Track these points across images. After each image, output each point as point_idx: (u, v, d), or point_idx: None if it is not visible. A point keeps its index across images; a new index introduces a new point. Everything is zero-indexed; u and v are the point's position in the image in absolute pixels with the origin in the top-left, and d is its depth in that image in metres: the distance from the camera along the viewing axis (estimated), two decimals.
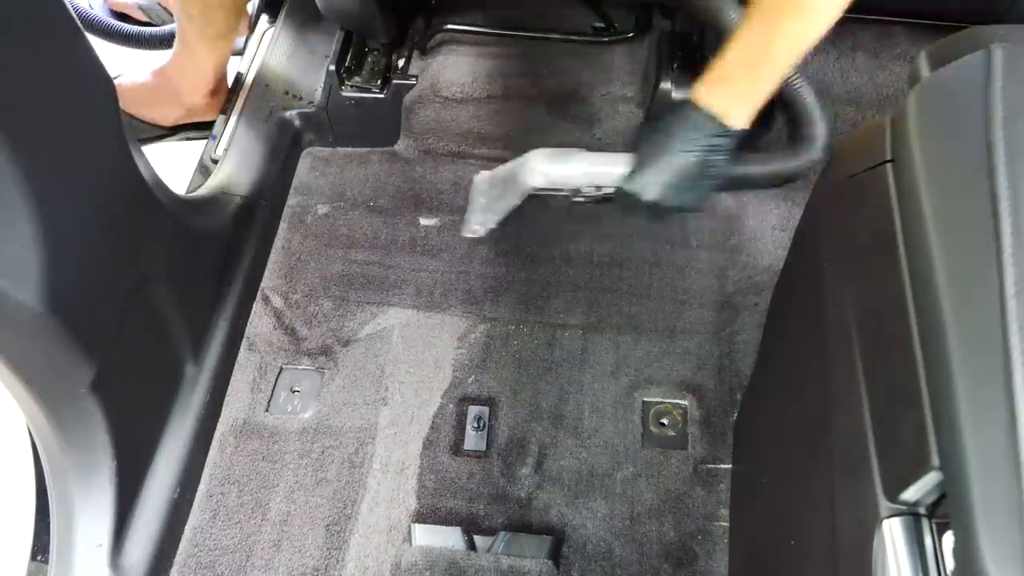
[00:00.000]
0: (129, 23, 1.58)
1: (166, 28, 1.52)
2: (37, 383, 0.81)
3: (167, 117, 1.39)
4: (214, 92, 1.38)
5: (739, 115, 0.93)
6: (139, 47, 1.52)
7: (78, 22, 0.81)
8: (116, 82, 0.89)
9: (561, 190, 1.09)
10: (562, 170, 1.08)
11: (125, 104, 0.93)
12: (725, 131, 0.93)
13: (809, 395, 0.70)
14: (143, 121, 1.38)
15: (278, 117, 1.34)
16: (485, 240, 1.26)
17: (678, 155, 0.94)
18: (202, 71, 1.34)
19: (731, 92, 0.92)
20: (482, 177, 1.15)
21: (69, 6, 0.80)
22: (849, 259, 0.65)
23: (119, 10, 1.59)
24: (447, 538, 0.99)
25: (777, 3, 0.87)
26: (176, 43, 1.34)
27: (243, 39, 1.47)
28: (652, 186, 0.96)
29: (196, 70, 1.34)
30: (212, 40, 1.31)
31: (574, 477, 1.05)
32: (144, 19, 1.59)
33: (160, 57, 1.41)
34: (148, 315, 0.96)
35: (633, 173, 0.98)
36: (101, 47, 0.86)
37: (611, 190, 1.05)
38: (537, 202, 1.11)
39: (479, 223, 1.12)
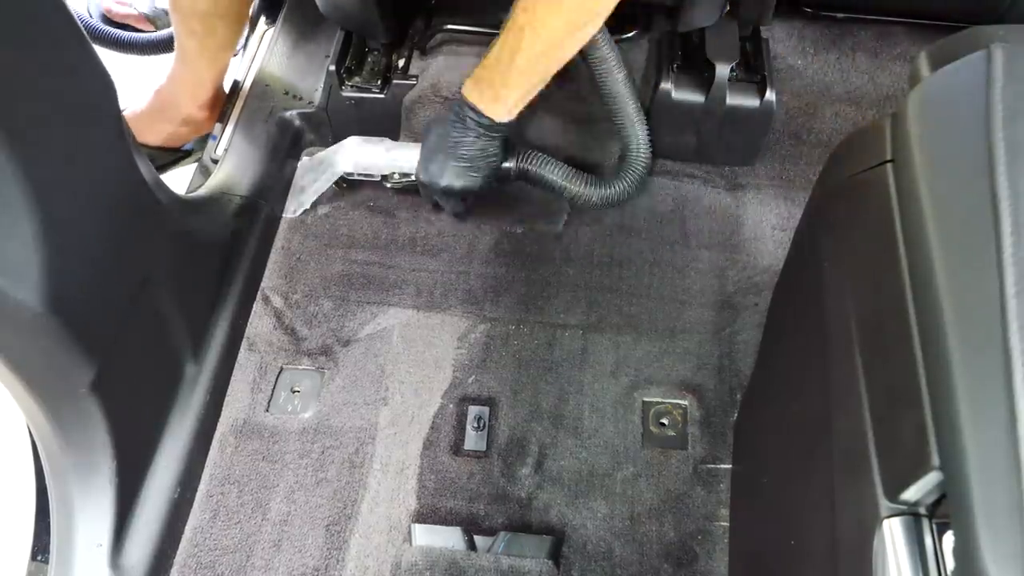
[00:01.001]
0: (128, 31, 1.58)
1: (162, 33, 1.51)
2: (37, 383, 0.81)
3: (170, 136, 1.38)
4: (213, 104, 1.37)
5: (498, 109, 1.08)
6: (135, 53, 1.52)
7: (78, 22, 0.81)
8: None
9: (372, 175, 1.25)
10: (369, 156, 1.24)
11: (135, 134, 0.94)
12: (491, 122, 1.08)
13: (809, 395, 0.70)
14: (147, 146, 1.38)
15: (278, 117, 1.34)
16: (485, 240, 1.26)
17: (455, 143, 1.11)
18: (203, 84, 1.34)
19: (488, 90, 1.07)
20: (304, 160, 1.32)
21: (69, 6, 0.80)
22: (849, 259, 0.65)
23: (119, 20, 1.58)
24: (447, 538, 0.99)
25: (521, 17, 0.99)
26: (175, 58, 1.33)
27: (242, 40, 1.47)
28: (438, 171, 1.14)
29: (196, 83, 1.34)
30: (213, 52, 1.31)
31: (574, 477, 1.05)
32: (151, 29, 1.58)
33: (158, 69, 1.41)
34: (148, 315, 0.96)
35: (422, 161, 1.16)
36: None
37: (415, 178, 1.21)
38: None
39: (296, 204, 1.29)
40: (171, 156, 1.42)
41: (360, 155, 1.23)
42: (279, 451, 1.07)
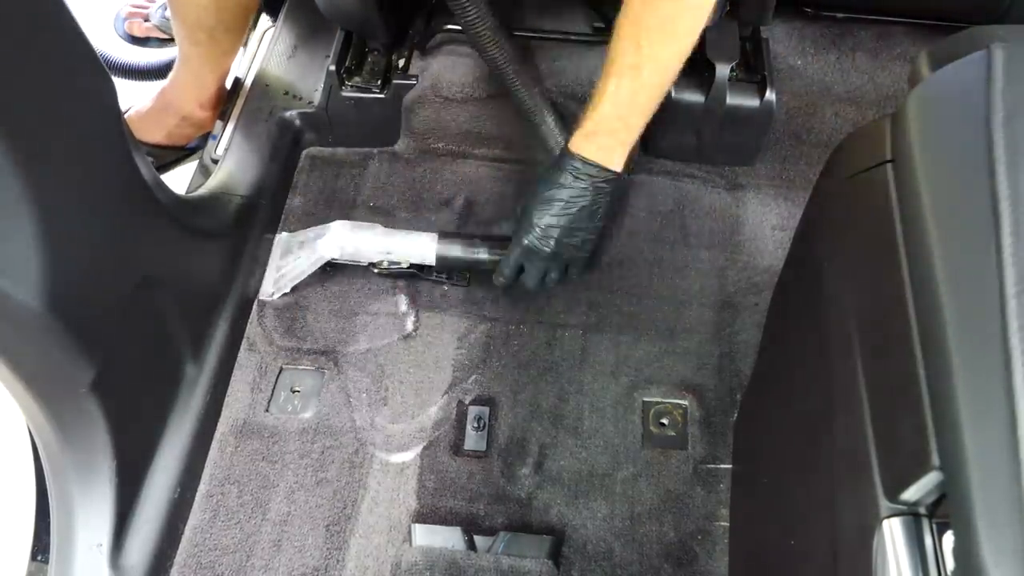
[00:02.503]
0: (151, 44, 1.60)
1: (164, 58, 1.53)
2: (37, 383, 0.81)
3: (172, 134, 1.39)
4: (215, 104, 1.38)
5: (616, 160, 1.02)
6: (141, 79, 1.53)
7: (78, 22, 0.81)
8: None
9: (359, 262, 1.18)
10: (358, 244, 1.16)
11: (135, 133, 0.94)
12: (608, 175, 1.02)
13: (809, 395, 0.70)
14: (155, 145, 1.38)
15: (278, 117, 1.34)
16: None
17: (569, 203, 1.02)
18: (204, 86, 1.35)
19: (605, 142, 1.01)
20: (283, 237, 1.23)
21: (69, 8, 0.80)
22: (849, 259, 0.65)
23: (141, 35, 1.61)
24: (447, 538, 0.99)
25: (634, 57, 0.94)
26: (177, 64, 1.34)
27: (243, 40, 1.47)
28: (547, 241, 1.05)
29: (199, 86, 1.35)
30: (216, 59, 1.32)
31: (574, 477, 1.05)
32: (165, 37, 1.60)
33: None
34: (148, 315, 0.96)
35: (528, 232, 1.05)
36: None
37: (406, 266, 1.17)
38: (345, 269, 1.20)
39: (273, 286, 1.20)
40: (174, 155, 1.42)
41: (348, 241, 1.16)
42: (279, 451, 1.07)
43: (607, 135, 1.00)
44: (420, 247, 1.15)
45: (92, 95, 0.86)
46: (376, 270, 1.19)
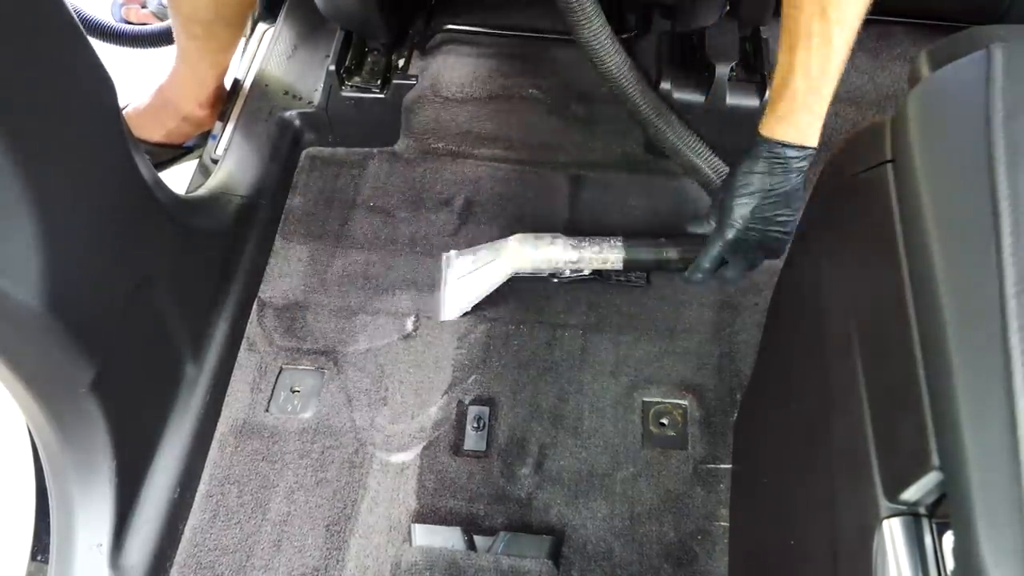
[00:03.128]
0: None
1: (162, 24, 1.52)
2: (37, 383, 0.81)
3: (171, 133, 1.39)
4: (214, 102, 1.38)
5: (813, 135, 0.95)
6: (138, 46, 1.52)
7: (78, 22, 0.81)
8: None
9: (541, 272, 1.17)
10: (543, 257, 1.15)
11: (131, 131, 0.94)
12: (807, 153, 0.95)
13: (809, 395, 0.70)
14: (154, 143, 1.38)
15: (278, 117, 1.34)
16: (485, 240, 1.25)
17: (768, 194, 0.97)
18: (203, 83, 1.35)
19: (803, 119, 0.94)
20: (455, 257, 1.20)
21: (69, 6, 0.80)
22: (849, 259, 0.65)
23: (137, 22, 1.60)
24: (447, 538, 0.99)
25: (820, 24, 0.88)
26: (176, 60, 1.34)
27: (243, 39, 1.47)
28: (751, 232, 0.99)
29: (197, 83, 1.34)
30: (214, 54, 1.32)
31: (574, 477, 1.05)
32: (162, 23, 1.60)
33: (160, 67, 1.41)
34: (148, 315, 0.96)
35: (728, 228, 1.00)
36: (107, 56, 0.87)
37: (588, 272, 1.15)
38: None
39: (457, 307, 1.17)
40: (172, 153, 1.42)
41: (530, 255, 1.15)
42: (279, 451, 1.07)
43: (803, 112, 0.93)
44: (607, 254, 1.14)
45: (92, 95, 0.86)
46: (556, 279, 1.19)
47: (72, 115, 0.82)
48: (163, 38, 1.51)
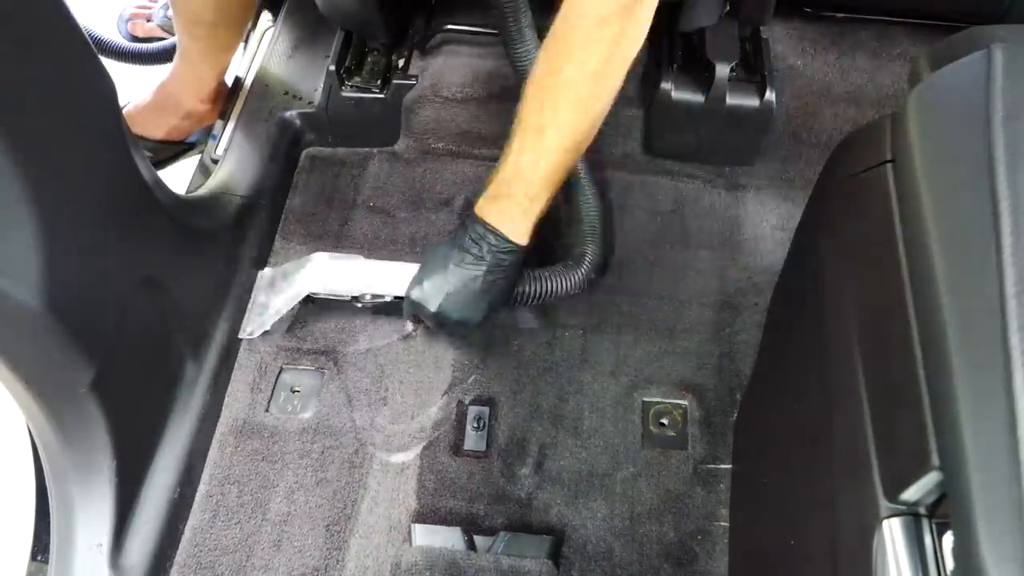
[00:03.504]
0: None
1: (167, 43, 1.53)
2: (37, 383, 0.81)
3: (169, 125, 1.39)
4: (215, 98, 1.39)
5: (522, 228, 0.95)
6: (143, 63, 1.53)
7: (78, 22, 0.81)
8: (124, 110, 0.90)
9: (341, 295, 1.13)
10: (339, 277, 1.11)
11: (133, 128, 0.94)
12: (508, 246, 0.95)
13: (809, 395, 0.71)
14: (150, 139, 1.39)
15: (278, 117, 1.34)
16: None
17: (461, 268, 0.97)
18: (204, 81, 1.35)
19: (508, 208, 0.94)
20: (265, 274, 1.18)
21: (69, 8, 0.80)
22: (849, 259, 0.65)
23: (143, 35, 1.60)
24: (447, 538, 0.99)
25: (537, 119, 0.90)
26: (177, 58, 1.35)
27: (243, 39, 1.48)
28: (434, 298, 0.99)
29: (198, 81, 1.35)
30: (216, 54, 1.32)
31: (574, 477, 1.05)
32: (168, 37, 1.60)
33: (160, 71, 1.41)
34: (148, 315, 0.96)
35: (417, 282, 1.01)
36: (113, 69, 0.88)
37: (389, 298, 1.11)
38: (320, 304, 1.15)
39: (255, 324, 1.14)
40: (174, 150, 1.42)
41: (329, 275, 1.11)
42: (279, 451, 1.07)
43: (509, 200, 0.94)
44: (406, 278, 1.07)
45: (92, 95, 0.86)
46: (359, 304, 1.13)
47: (72, 115, 0.82)
48: (167, 56, 1.51)
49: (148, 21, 1.62)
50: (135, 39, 1.60)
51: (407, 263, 1.11)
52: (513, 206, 0.94)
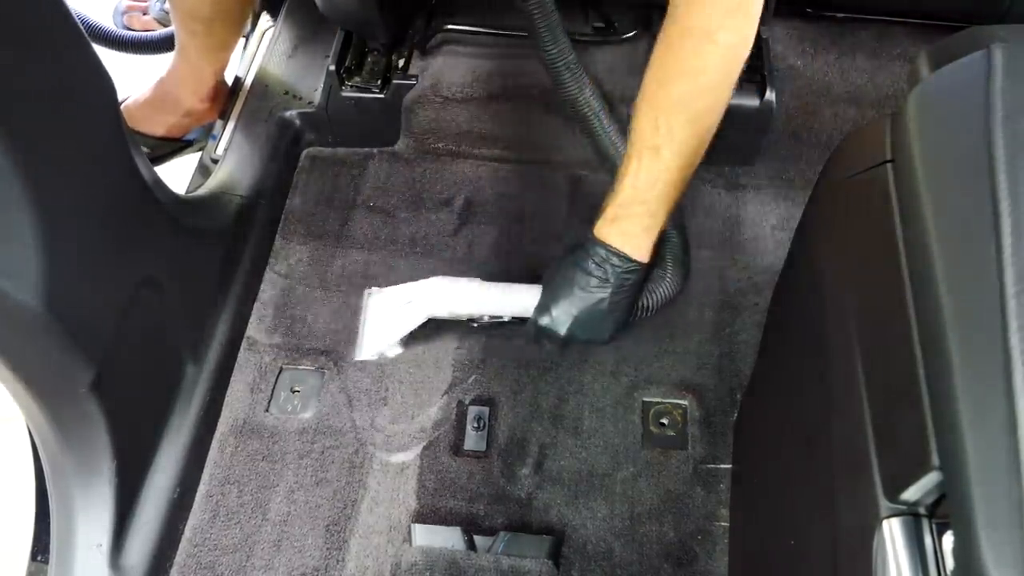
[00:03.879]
0: None
1: (165, 31, 1.52)
2: (37, 383, 0.81)
3: (168, 123, 1.39)
4: (214, 96, 1.38)
5: (641, 249, 0.96)
6: (140, 52, 1.52)
7: (79, 23, 0.81)
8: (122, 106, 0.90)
9: (460, 316, 1.12)
10: (461, 300, 1.11)
11: (128, 121, 0.94)
12: (631, 265, 0.95)
13: (809, 395, 0.70)
14: (149, 135, 1.38)
15: (278, 117, 1.35)
16: (485, 240, 1.26)
17: (587, 292, 0.97)
18: (203, 78, 1.35)
19: (628, 227, 0.95)
20: (376, 297, 1.16)
21: (69, 7, 0.80)
22: (849, 259, 0.65)
23: (140, 28, 1.60)
24: (447, 538, 0.99)
25: (652, 139, 0.89)
26: (175, 55, 1.34)
27: (243, 38, 1.48)
28: (562, 322, 0.99)
29: (196, 78, 1.35)
30: (214, 51, 1.32)
31: (574, 477, 1.05)
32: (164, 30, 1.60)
33: (159, 65, 1.41)
34: (148, 315, 0.96)
35: (544, 308, 1.01)
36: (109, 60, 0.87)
37: (507, 318, 1.10)
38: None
39: (375, 348, 1.14)
40: (172, 147, 1.42)
41: (453, 298, 1.11)
42: (279, 451, 1.07)
43: (629, 220, 0.94)
44: (524, 301, 1.08)
45: (92, 95, 0.86)
46: (475, 325, 1.13)
47: (72, 115, 0.82)
48: (166, 44, 1.51)
49: (144, 14, 1.62)
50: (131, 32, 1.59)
51: (524, 285, 1.10)
52: (634, 226, 0.94)
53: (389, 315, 1.14)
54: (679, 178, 0.92)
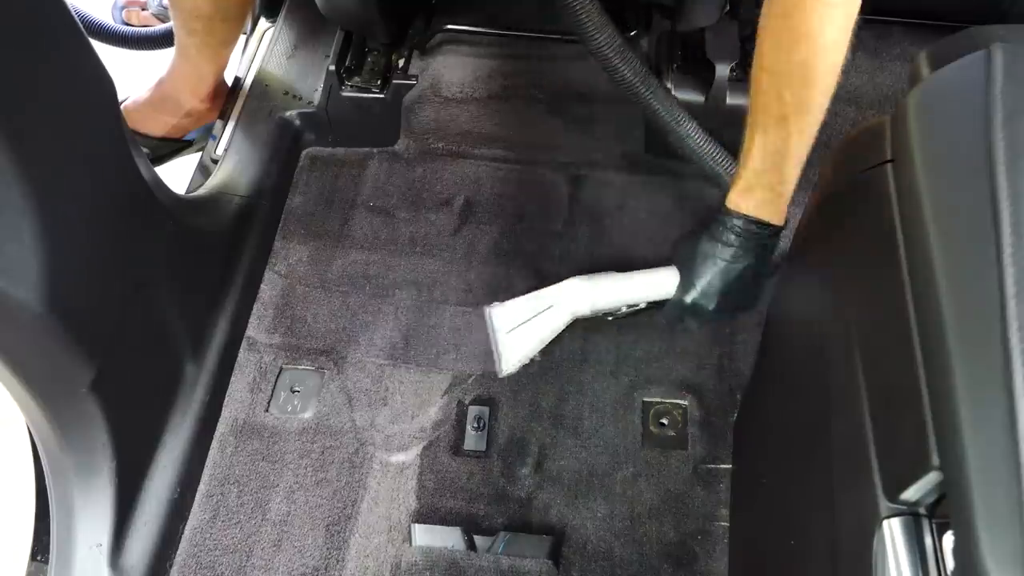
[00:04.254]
0: None
1: (163, 27, 1.52)
2: (37, 383, 0.81)
3: (169, 124, 1.39)
4: (215, 96, 1.38)
5: (777, 213, 0.97)
6: (138, 48, 1.52)
7: (79, 23, 0.81)
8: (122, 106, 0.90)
9: (601, 311, 1.11)
10: (602, 296, 1.10)
11: (128, 122, 0.94)
12: (770, 231, 0.97)
13: (809, 395, 0.70)
14: (149, 136, 1.38)
15: (278, 117, 1.34)
16: (485, 240, 1.26)
17: (730, 264, 0.98)
18: (203, 78, 1.35)
19: (763, 196, 0.95)
20: (499, 310, 1.11)
21: (70, 7, 0.80)
22: (849, 259, 0.65)
23: (137, 24, 1.60)
24: (447, 538, 0.99)
25: (777, 108, 0.90)
26: (175, 54, 1.34)
27: (243, 38, 1.47)
28: (710, 296, 1.01)
29: (196, 78, 1.35)
30: (214, 50, 1.32)
31: (574, 477, 1.05)
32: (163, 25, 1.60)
33: (159, 64, 1.41)
34: (148, 315, 0.96)
35: (688, 287, 1.02)
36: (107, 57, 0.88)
37: (644, 305, 1.10)
38: None
39: (515, 359, 1.11)
40: (172, 147, 1.42)
41: (594, 296, 1.10)
42: (279, 451, 1.07)
43: (763, 189, 0.95)
44: (664, 284, 1.07)
45: (92, 95, 0.86)
46: (611, 318, 1.13)
47: (72, 115, 0.82)
48: (165, 40, 1.51)
49: (143, 10, 1.62)
50: (129, 27, 1.60)
51: (657, 270, 1.09)
52: (768, 192, 0.95)
53: (528, 324, 1.11)
54: (808, 139, 0.92)
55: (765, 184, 0.95)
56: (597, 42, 1.05)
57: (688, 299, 1.03)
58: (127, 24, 1.60)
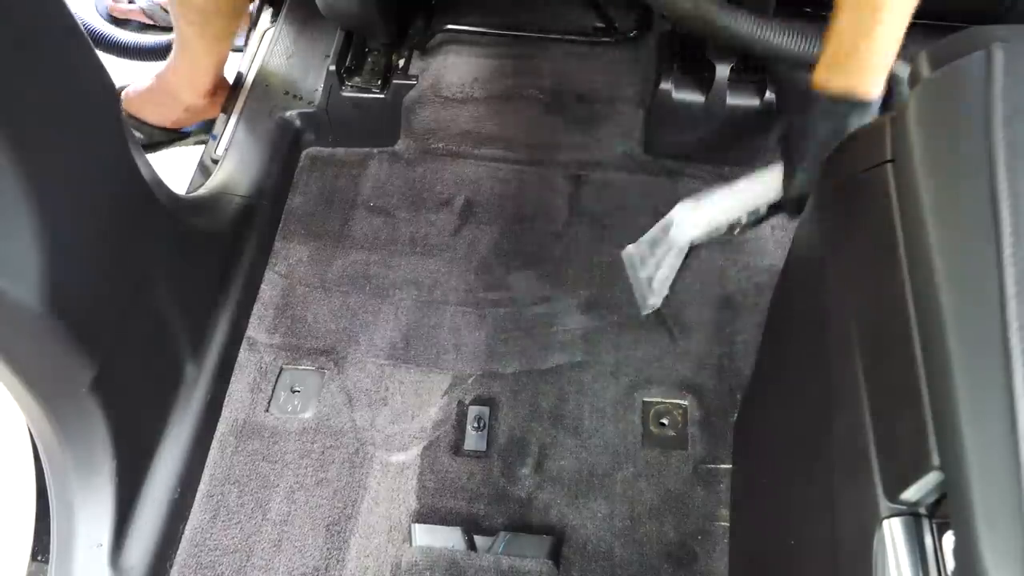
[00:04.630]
0: (132, 27, 1.60)
1: (164, 38, 1.53)
2: (37, 383, 0.81)
3: (168, 118, 1.40)
4: (214, 92, 1.39)
5: (871, 84, 0.91)
6: (139, 59, 1.53)
7: (79, 23, 0.81)
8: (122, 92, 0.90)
9: (721, 228, 1.09)
10: (717, 214, 1.08)
11: (128, 107, 0.94)
12: (864, 106, 0.92)
13: (809, 395, 0.70)
14: (146, 123, 1.39)
15: (278, 117, 1.35)
16: (485, 240, 1.26)
17: (827, 143, 0.92)
18: (201, 72, 1.35)
19: (856, 66, 0.91)
20: (632, 251, 1.14)
21: (70, 7, 0.80)
22: (849, 259, 0.65)
23: (121, 16, 1.60)
24: (447, 538, 0.99)
25: None
26: (175, 47, 1.35)
27: (243, 36, 1.48)
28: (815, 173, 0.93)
29: (195, 72, 1.35)
30: (211, 42, 1.32)
31: (574, 477, 1.05)
32: (148, 22, 1.60)
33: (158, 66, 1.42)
34: (148, 315, 0.96)
35: (797, 171, 0.99)
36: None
37: (764, 211, 1.07)
38: None
39: (654, 296, 1.13)
40: (168, 135, 1.43)
41: (709, 216, 1.08)
42: (279, 451, 1.07)
43: (853, 60, 0.90)
44: (772, 181, 1.04)
45: (92, 95, 0.86)
46: (736, 232, 1.10)
47: (72, 115, 0.82)
48: (159, 52, 1.51)
49: (130, 2, 1.62)
50: (113, 19, 1.60)
51: (759, 171, 1.07)
52: (858, 62, 0.91)
53: (657, 260, 1.12)
54: (905, 5, 0.88)
55: (855, 53, 0.90)
56: None
57: (796, 183, 0.99)
58: (111, 16, 1.60)
